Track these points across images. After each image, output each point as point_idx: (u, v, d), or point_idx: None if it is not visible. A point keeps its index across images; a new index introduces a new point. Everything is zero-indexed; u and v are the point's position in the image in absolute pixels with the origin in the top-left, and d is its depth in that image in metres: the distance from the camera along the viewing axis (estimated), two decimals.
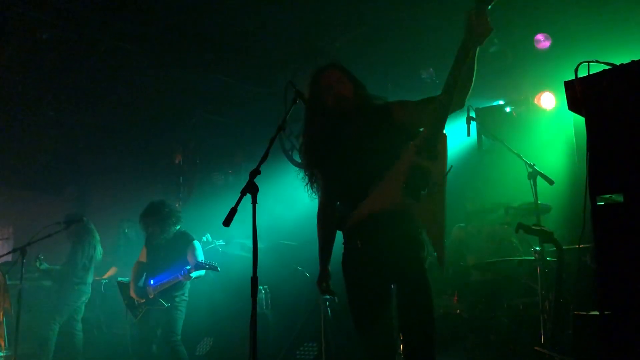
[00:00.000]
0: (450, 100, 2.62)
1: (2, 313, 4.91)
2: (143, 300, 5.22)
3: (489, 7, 2.54)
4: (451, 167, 2.66)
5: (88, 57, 5.94)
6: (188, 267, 5.00)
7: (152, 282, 5.20)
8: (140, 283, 5.30)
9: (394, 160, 2.70)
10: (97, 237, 6.45)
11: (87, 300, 6.27)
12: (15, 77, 6.32)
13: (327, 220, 3.07)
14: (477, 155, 5.37)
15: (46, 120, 7.46)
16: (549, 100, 5.78)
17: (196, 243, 5.35)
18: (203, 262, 5.06)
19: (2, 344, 4.98)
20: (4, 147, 8.23)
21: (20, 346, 4.84)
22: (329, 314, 5.06)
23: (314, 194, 3.09)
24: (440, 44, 5.30)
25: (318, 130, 3.00)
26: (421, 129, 2.73)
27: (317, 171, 3.04)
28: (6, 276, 4.95)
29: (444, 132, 2.66)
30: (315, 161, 3.02)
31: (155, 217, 5.32)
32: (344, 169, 2.89)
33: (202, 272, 5.21)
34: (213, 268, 5.05)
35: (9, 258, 7.11)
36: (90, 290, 6.33)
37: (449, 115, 2.65)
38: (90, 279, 6.30)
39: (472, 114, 4.63)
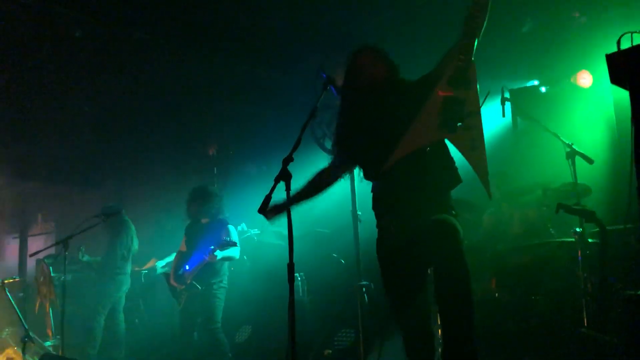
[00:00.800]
0: (473, 40, 2.63)
1: (48, 304, 5.07)
2: (182, 287, 5.32)
3: None
4: (489, 92, 2.74)
5: (121, 51, 6.02)
6: (212, 247, 5.06)
7: (187, 267, 5.31)
8: (180, 271, 5.42)
9: None
10: (133, 229, 6.59)
11: (127, 291, 6.42)
12: (52, 74, 6.45)
13: (320, 178, 3.24)
14: (512, 136, 5.28)
15: (83, 116, 7.60)
16: (587, 79, 5.63)
17: (231, 227, 5.41)
18: (224, 239, 5.10)
19: (50, 333, 5.15)
20: (44, 143, 8.45)
21: (66, 336, 5.00)
22: (366, 300, 5.06)
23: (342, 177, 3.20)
24: None
25: (352, 109, 3.05)
26: None
27: (347, 145, 3.07)
28: (50, 268, 5.10)
29: (473, 59, 2.65)
30: (347, 134, 3.07)
31: (201, 200, 5.43)
32: (377, 139, 2.89)
33: (229, 253, 5.25)
34: (231, 243, 5.09)
35: (52, 251, 7.33)
36: (129, 280, 6.48)
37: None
38: (129, 269, 6.44)
39: (507, 95, 4.54)
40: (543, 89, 6.19)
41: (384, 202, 2.92)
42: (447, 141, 2.80)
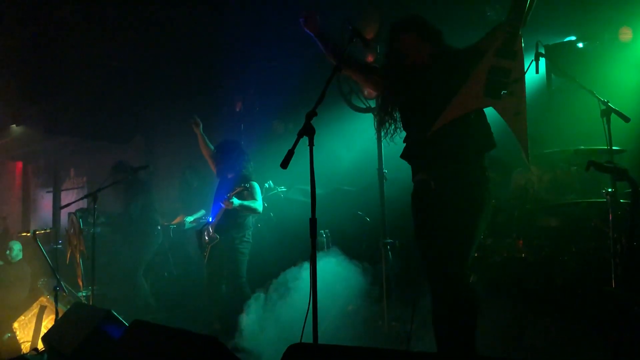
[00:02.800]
0: (521, 17, 2.84)
1: (78, 255, 5.21)
2: (207, 240, 5.40)
3: None
4: (532, 60, 3.08)
5: (148, 6, 5.98)
6: (228, 194, 5.07)
7: (210, 219, 5.37)
8: (204, 225, 5.51)
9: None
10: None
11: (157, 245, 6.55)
12: (80, 32, 6.47)
13: (353, 60, 3.37)
14: (546, 94, 5.11)
15: (112, 72, 7.65)
16: (627, 34, 5.39)
17: (254, 183, 5.41)
18: (239, 185, 5.11)
19: (80, 283, 5.32)
20: (75, 99, 8.56)
21: (103, 287, 5.17)
22: (390, 257, 5.06)
23: (388, 136, 3.31)
24: None
25: (400, 82, 3.21)
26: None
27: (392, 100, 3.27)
28: (80, 220, 5.23)
29: (520, 32, 2.86)
30: (393, 92, 3.25)
31: (225, 154, 5.45)
32: (424, 104, 3.10)
33: (250, 204, 5.25)
34: (243, 188, 5.11)
35: (84, 205, 7.50)
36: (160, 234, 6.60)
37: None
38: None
39: (541, 50, 4.37)
40: (580, 45, 5.95)
41: (425, 159, 3.14)
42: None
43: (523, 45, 2.87)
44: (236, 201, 5.10)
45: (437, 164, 3.08)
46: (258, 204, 5.35)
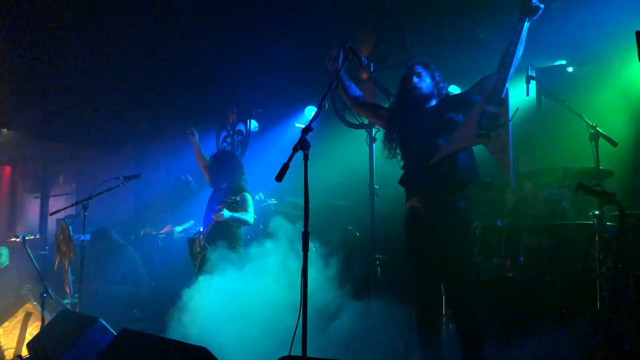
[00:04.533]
0: (502, 90, 3.34)
1: (67, 262, 5.17)
2: (198, 249, 5.40)
3: None
4: (517, 109, 3.36)
5: (142, 18, 6.00)
6: (218, 206, 5.08)
7: (201, 229, 5.38)
8: (196, 235, 5.51)
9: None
10: None
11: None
12: (74, 39, 6.47)
13: (362, 98, 3.97)
14: (536, 116, 5.19)
15: (105, 81, 7.65)
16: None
17: (247, 194, 5.42)
18: (230, 198, 5.12)
19: (68, 291, 5.27)
20: (66, 107, 8.54)
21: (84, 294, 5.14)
22: (379, 272, 5.09)
23: (390, 155, 3.85)
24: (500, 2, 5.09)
25: (402, 109, 3.78)
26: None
27: (395, 134, 3.82)
28: (70, 228, 5.20)
29: (507, 86, 3.37)
30: (396, 128, 3.80)
31: (219, 165, 5.48)
32: (424, 139, 3.59)
33: (241, 215, 5.27)
34: (234, 201, 5.12)
35: (72, 212, 7.46)
36: None
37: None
38: None
39: (532, 73, 4.46)
40: (570, 69, 6.06)
41: (419, 187, 3.62)
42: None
43: (510, 95, 3.38)
44: (226, 213, 5.10)
45: (429, 192, 3.57)
46: (249, 216, 5.36)
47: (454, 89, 4.98)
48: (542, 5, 3.33)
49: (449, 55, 4.94)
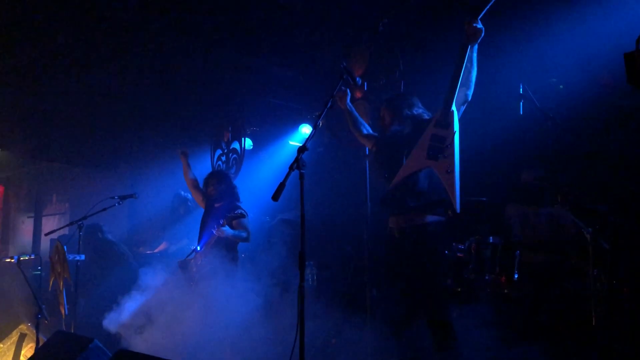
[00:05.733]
0: (448, 113, 3.55)
1: (62, 282, 5.14)
2: (195, 269, 5.36)
3: (480, 16, 3.41)
4: (455, 132, 3.50)
5: (136, 39, 6.05)
6: (221, 221, 5.09)
7: (198, 248, 5.35)
8: (191, 255, 5.47)
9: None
10: None
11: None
12: (69, 60, 6.51)
13: (360, 132, 4.31)
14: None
15: (98, 100, 7.68)
16: None
17: (240, 210, 5.41)
18: (233, 213, 5.16)
19: (62, 311, 5.23)
20: (60, 127, 8.55)
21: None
22: (374, 292, 5.09)
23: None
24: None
25: (379, 137, 4.17)
26: None
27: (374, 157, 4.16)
28: (65, 248, 5.18)
29: (452, 109, 3.55)
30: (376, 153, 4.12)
31: (215, 183, 5.51)
32: (390, 163, 3.84)
33: (240, 233, 5.29)
34: (239, 215, 5.19)
35: (65, 231, 7.43)
36: None
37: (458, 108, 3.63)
38: None
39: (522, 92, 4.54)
40: (561, 87, 6.13)
41: (390, 208, 3.92)
42: None
43: (455, 118, 3.55)
44: (228, 230, 5.12)
45: (398, 213, 3.83)
46: (249, 235, 5.38)
47: None
48: (482, 27, 3.42)
49: (442, 74, 4.99)
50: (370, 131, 4.34)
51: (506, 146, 5.10)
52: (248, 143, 7.62)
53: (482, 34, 3.45)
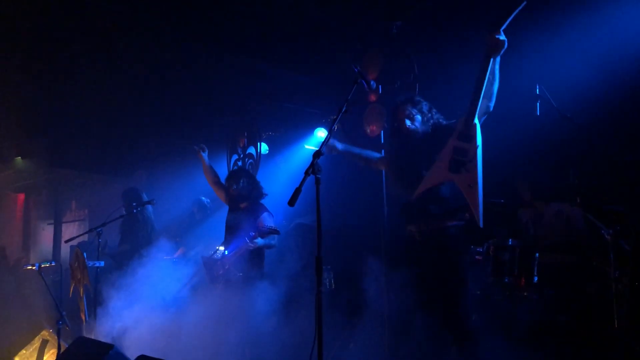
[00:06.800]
0: (470, 125, 3.50)
1: (82, 289, 5.20)
2: (220, 272, 5.36)
3: (502, 27, 3.32)
4: (478, 145, 3.45)
5: (153, 44, 6.10)
6: (252, 233, 5.10)
7: (226, 252, 5.34)
8: (218, 256, 5.47)
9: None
10: None
11: None
12: (86, 67, 6.58)
13: (368, 161, 4.29)
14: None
15: (115, 107, 7.75)
16: None
17: (267, 214, 5.43)
18: (265, 226, 5.13)
19: (83, 317, 5.29)
20: (78, 134, 8.65)
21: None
22: (392, 297, 5.06)
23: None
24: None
25: (395, 144, 4.04)
26: None
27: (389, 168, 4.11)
28: (84, 254, 5.24)
29: (475, 121, 3.51)
30: (390, 163, 4.07)
31: (238, 182, 5.48)
32: (411, 169, 3.80)
33: (270, 241, 5.29)
34: (274, 231, 5.15)
35: (85, 238, 7.51)
36: None
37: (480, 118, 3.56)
38: None
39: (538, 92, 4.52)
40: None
41: (411, 216, 3.88)
42: None
43: (478, 131, 3.50)
44: (260, 241, 5.16)
45: (420, 221, 3.79)
46: (276, 238, 5.39)
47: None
48: (504, 39, 3.33)
49: (456, 78, 4.98)
50: (375, 154, 4.31)
51: (523, 147, 5.06)
52: (264, 148, 7.65)
53: (505, 47, 3.36)
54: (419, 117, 3.86)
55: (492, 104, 3.60)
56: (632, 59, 4.45)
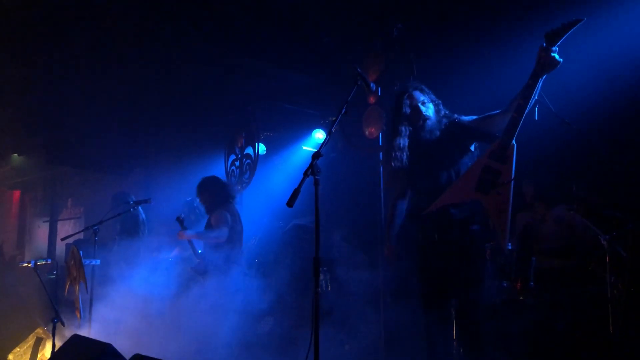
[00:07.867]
0: (507, 146, 3.22)
1: (77, 287, 5.18)
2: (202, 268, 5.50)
3: (558, 43, 3.05)
4: (515, 176, 3.20)
5: (152, 43, 6.09)
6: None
7: (200, 251, 5.47)
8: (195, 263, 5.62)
9: (464, 161, 3.53)
10: None
11: None
12: (84, 64, 6.57)
13: (397, 211, 3.84)
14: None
15: (113, 106, 7.74)
16: None
17: (221, 211, 5.54)
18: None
19: (78, 315, 5.27)
20: (75, 131, 8.63)
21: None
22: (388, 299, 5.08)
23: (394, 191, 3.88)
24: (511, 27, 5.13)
25: (405, 140, 3.68)
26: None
27: (402, 173, 3.70)
28: (81, 252, 5.22)
29: (513, 142, 3.22)
30: (402, 166, 3.67)
31: (206, 192, 5.56)
32: (426, 171, 3.59)
33: (205, 232, 5.61)
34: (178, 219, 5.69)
35: (80, 236, 7.49)
36: None
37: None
38: None
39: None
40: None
41: (431, 220, 3.57)
42: None
43: (514, 153, 3.22)
44: (188, 232, 5.42)
45: (442, 227, 3.55)
46: (218, 232, 5.43)
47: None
48: (561, 60, 3.07)
49: (457, 80, 4.98)
50: (400, 206, 3.89)
51: (521, 152, 5.06)
52: (262, 148, 7.64)
53: (559, 66, 3.08)
54: (431, 105, 3.67)
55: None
56: (632, 65, 4.45)
